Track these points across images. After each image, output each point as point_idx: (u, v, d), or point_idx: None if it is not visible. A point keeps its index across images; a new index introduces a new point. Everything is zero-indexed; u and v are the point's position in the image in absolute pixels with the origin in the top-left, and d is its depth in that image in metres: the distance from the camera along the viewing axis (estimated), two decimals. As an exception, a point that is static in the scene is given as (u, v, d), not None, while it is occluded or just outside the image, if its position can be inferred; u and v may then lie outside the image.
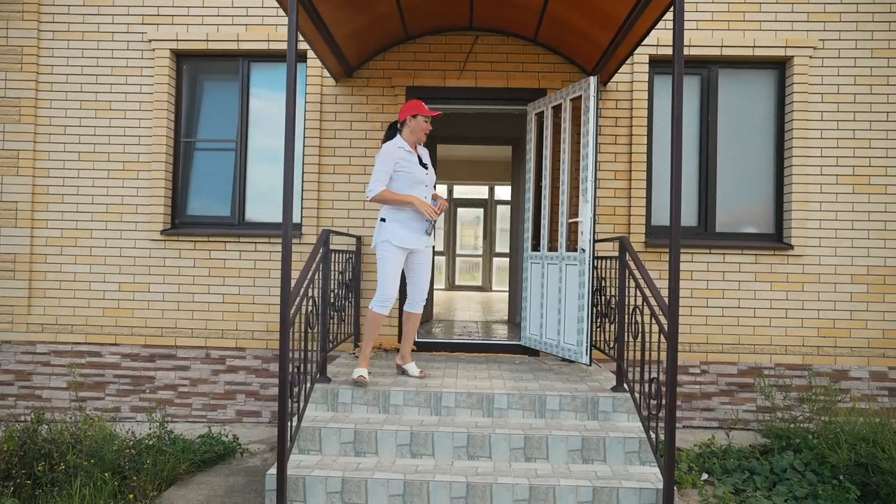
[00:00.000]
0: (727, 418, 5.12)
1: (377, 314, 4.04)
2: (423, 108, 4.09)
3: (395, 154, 3.99)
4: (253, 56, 5.46)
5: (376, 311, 4.03)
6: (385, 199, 3.94)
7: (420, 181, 4.07)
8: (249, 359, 5.29)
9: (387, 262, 4.01)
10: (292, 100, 3.15)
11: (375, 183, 3.94)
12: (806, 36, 5.19)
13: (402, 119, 4.12)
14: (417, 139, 4.17)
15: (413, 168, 4.04)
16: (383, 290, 4.02)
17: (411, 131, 4.12)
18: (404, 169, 4.01)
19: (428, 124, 4.15)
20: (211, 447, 4.24)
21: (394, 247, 4.00)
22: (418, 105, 4.09)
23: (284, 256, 3.10)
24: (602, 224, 5.24)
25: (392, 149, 4.01)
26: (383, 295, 4.02)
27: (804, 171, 5.16)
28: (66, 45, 5.39)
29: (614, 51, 4.58)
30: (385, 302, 4.02)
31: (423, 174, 4.09)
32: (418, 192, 4.06)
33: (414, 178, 4.04)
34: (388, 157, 3.97)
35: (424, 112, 4.09)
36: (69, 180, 5.37)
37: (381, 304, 4.03)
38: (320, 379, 3.93)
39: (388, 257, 4.01)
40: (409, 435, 3.48)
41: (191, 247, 5.33)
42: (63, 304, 5.33)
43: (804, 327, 5.15)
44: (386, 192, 3.95)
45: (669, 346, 3.02)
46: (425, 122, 4.13)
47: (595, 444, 3.46)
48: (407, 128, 4.12)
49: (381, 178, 3.96)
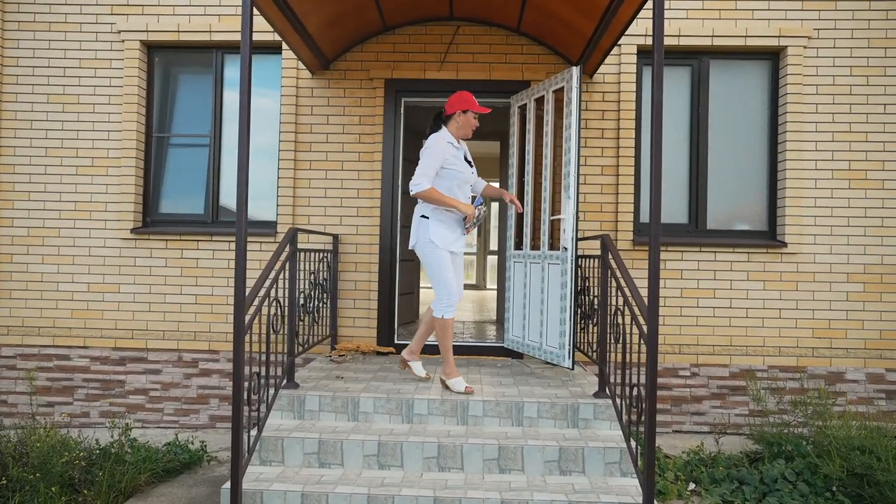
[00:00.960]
0: (718, 423, 4.93)
1: (447, 320, 3.74)
2: (474, 102, 3.80)
3: (445, 150, 3.71)
4: (227, 47, 5.26)
5: (446, 317, 3.74)
6: (431, 197, 3.66)
7: (466, 181, 3.84)
8: (223, 362, 5.10)
9: (439, 264, 3.73)
10: (247, 87, 2.95)
11: (423, 178, 3.63)
12: (800, 25, 4.99)
13: (450, 112, 3.82)
14: (463, 135, 3.90)
15: (461, 166, 3.78)
16: (449, 293, 3.73)
17: (459, 126, 3.85)
18: (453, 166, 3.74)
19: (476, 120, 3.88)
20: (176, 455, 4.05)
21: (441, 248, 3.74)
22: (469, 99, 3.80)
23: (238, 254, 2.90)
24: (588, 221, 5.04)
25: (442, 143, 3.71)
26: (449, 298, 3.73)
27: (798, 166, 4.96)
28: (31, 36, 5.19)
29: (598, 40, 4.38)
30: (452, 304, 3.74)
31: (469, 173, 3.85)
32: (464, 192, 3.84)
33: (462, 177, 3.79)
34: (438, 152, 3.68)
35: (476, 108, 3.79)
36: (36, 177, 5.17)
37: (448, 307, 3.74)
38: (287, 385, 3.74)
39: (440, 258, 3.73)
40: (376, 445, 3.29)
41: (162, 246, 5.13)
42: (30, 306, 5.14)
43: (798, 328, 4.95)
44: (434, 190, 3.66)
45: (648, 352, 2.82)
46: (475, 119, 3.86)
47: (573, 455, 3.27)
48: (455, 122, 3.84)
49: (429, 173, 3.65)
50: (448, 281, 3.71)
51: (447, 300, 3.72)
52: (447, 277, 3.71)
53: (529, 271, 4.63)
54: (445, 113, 3.86)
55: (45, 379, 5.11)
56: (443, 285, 3.72)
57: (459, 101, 3.80)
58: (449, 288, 3.72)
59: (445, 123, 3.87)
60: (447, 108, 3.84)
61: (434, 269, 3.73)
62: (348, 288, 5.09)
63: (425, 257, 3.75)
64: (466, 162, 3.87)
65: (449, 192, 3.74)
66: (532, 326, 4.56)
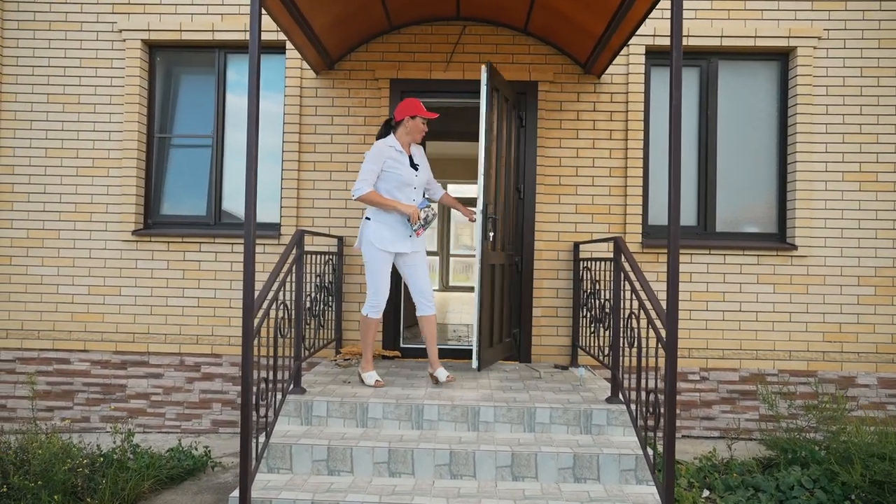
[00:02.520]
0: (728, 428, 4.87)
1: (370, 319, 3.95)
2: (421, 108, 3.93)
3: (385, 153, 3.87)
4: (229, 47, 5.19)
5: (370, 317, 3.94)
6: (371, 200, 3.82)
7: (408, 183, 3.95)
8: (226, 366, 5.02)
9: (374, 264, 3.89)
10: (255, 84, 2.88)
11: (362, 182, 3.80)
12: (810, 25, 4.94)
13: (398, 118, 3.96)
14: (412, 139, 4.03)
15: (402, 169, 3.91)
16: (374, 294, 3.92)
17: (407, 132, 3.99)
18: (393, 170, 3.89)
19: (425, 126, 4.02)
20: (179, 462, 3.97)
21: (377, 249, 3.87)
22: (416, 105, 3.93)
23: (247, 258, 2.83)
24: (596, 224, 4.98)
25: (383, 147, 3.88)
26: (375, 299, 3.93)
27: (808, 168, 4.91)
28: (31, 35, 5.11)
29: (608, 40, 4.32)
30: (377, 306, 3.93)
31: (411, 176, 3.96)
32: (406, 194, 3.95)
33: (402, 179, 3.91)
34: (377, 156, 3.84)
35: (423, 113, 3.94)
36: (35, 178, 5.09)
37: (373, 308, 3.93)
38: (294, 390, 3.67)
39: (375, 258, 3.89)
40: (387, 452, 3.22)
41: (164, 248, 5.05)
42: (29, 309, 5.06)
43: (809, 331, 4.90)
44: (373, 193, 3.82)
45: (668, 358, 2.76)
46: (423, 124, 3.99)
47: (588, 462, 3.20)
48: (403, 127, 3.98)
49: (368, 177, 3.82)
50: (378, 282, 3.89)
51: (374, 300, 3.91)
52: (379, 279, 3.89)
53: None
54: (395, 119, 3.98)
55: (44, 383, 5.02)
56: (374, 286, 3.89)
57: (407, 108, 3.93)
58: (378, 289, 3.89)
59: (394, 130, 4.00)
60: (396, 115, 3.97)
61: (369, 269, 3.90)
62: (353, 291, 5.02)
63: (364, 256, 3.92)
64: (413, 166, 3.99)
65: (388, 194, 3.89)
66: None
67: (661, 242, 4.93)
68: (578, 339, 4.79)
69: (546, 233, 4.99)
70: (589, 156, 5.01)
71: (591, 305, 4.41)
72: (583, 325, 4.69)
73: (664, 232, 5.07)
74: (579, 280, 4.78)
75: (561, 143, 5.01)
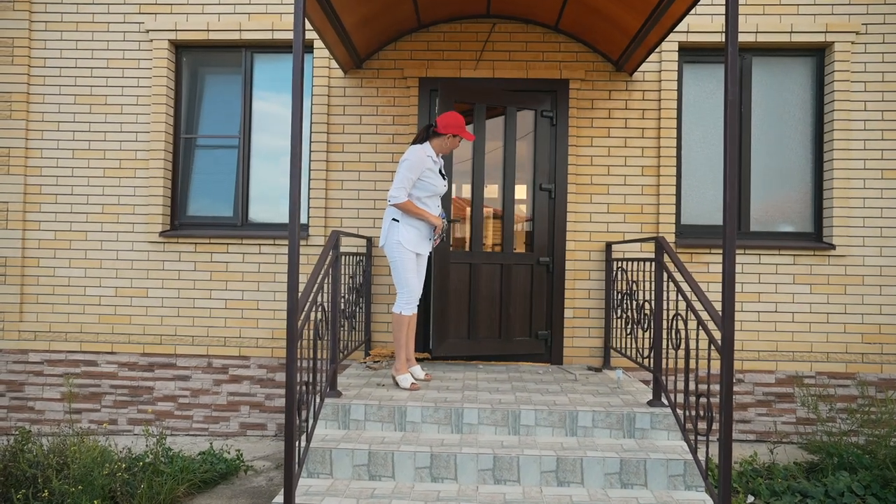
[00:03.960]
0: (765, 431, 4.77)
1: (404, 316, 3.96)
2: (465, 131, 3.97)
3: (424, 163, 3.90)
4: (256, 46, 5.14)
5: (404, 313, 3.96)
6: (406, 209, 3.88)
7: (438, 193, 4.05)
8: (254, 368, 4.98)
9: (404, 263, 3.93)
10: (299, 82, 2.83)
11: (400, 190, 3.85)
12: (847, 20, 4.84)
13: (441, 132, 3.96)
14: (444, 152, 4.10)
15: (435, 179, 3.98)
16: (409, 291, 3.96)
17: (444, 145, 4.03)
18: (428, 179, 3.94)
19: (459, 144, 4.14)
20: (212, 465, 3.93)
21: (407, 250, 3.92)
22: (462, 125, 3.96)
23: (291, 261, 2.78)
24: (628, 223, 4.90)
25: (422, 156, 3.90)
26: (410, 296, 3.96)
27: (846, 166, 4.81)
28: (59, 37, 5.08)
29: (644, 37, 4.25)
30: (411, 302, 3.97)
31: (442, 186, 4.05)
32: (434, 203, 4.06)
33: (435, 189, 3.99)
34: (417, 165, 3.87)
35: (465, 135, 3.98)
36: (63, 179, 5.06)
37: (407, 304, 3.97)
38: (330, 393, 3.61)
39: (405, 258, 3.93)
40: (428, 457, 3.16)
41: (191, 249, 5.02)
42: (57, 311, 5.03)
43: (847, 332, 4.80)
44: (410, 203, 3.88)
45: (724, 361, 2.68)
46: (459, 143, 4.09)
47: (635, 467, 3.12)
48: (442, 140, 4.00)
49: (406, 185, 3.86)
50: (410, 280, 3.94)
51: (407, 298, 3.95)
52: (410, 277, 3.93)
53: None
54: (436, 129, 3.97)
55: (73, 386, 4.99)
56: (405, 284, 3.93)
57: (453, 126, 3.94)
58: (410, 287, 3.94)
59: (432, 138, 4.01)
60: (441, 127, 3.95)
61: (398, 269, 3.93)
62: (382, 292, 4.96)
63: (391, 256, 3.95)
64: (441, 175, 4.05)
65: (418, 202, 3.96)
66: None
67: (695, 242, 4.85)
68: (611, 341, 4.71)
69: (578, 233, 4.91)
70: (621, 154, 4.93)
71: (626, 306, 4.33)
72: (616, 327, 4.62)
73: (698, 232, 4.98)
74: (612, 280, 4.70)
75: (592, 142, 4.93)
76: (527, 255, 4.94)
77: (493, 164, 4.98)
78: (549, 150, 4.94)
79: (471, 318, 4.85)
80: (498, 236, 4.99)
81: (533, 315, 4.90)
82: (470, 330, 4.86)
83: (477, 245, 4.86)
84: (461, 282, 4.84)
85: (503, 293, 4.90)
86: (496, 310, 4.88)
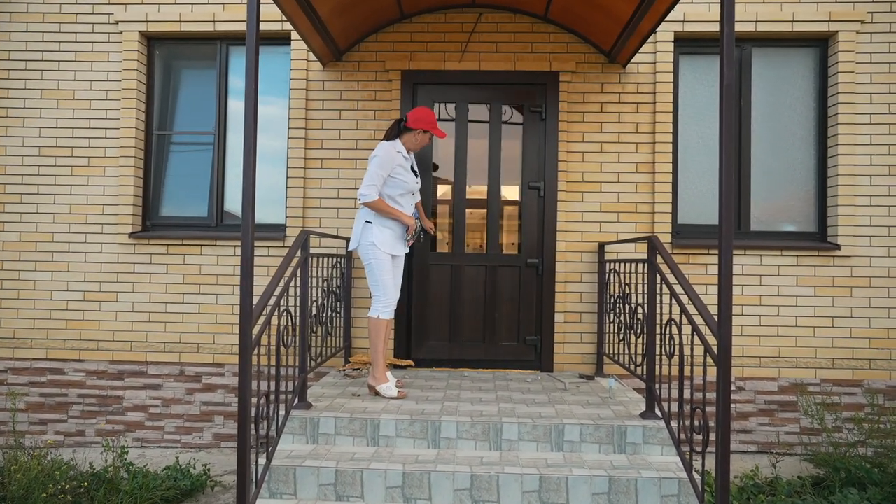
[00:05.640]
0: (767, 441, 4.52)
1: (382, 320, 3.77)
2: (436, 127, 3.88)
3: (395, 159, 3.77)
4: (232, 38, 4.91)
5: (382, 317, 3.76)
6: (377, 208, 3.72)
7: (411, 190, 3.90)
8: (228, 376, 4.73)
9: (380, 265, 3.76)
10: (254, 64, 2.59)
11: (371, 188, 3.68)
12: (852, 8, 4.59)
13: (413, 126, 3.85)
14: (414, 148, 3.99)
15: (407, 176, 3.85)
16: (384, 294, 3.77)
17: (414, 141, 3.92)
18: (399, 176, 3.80)
19: (430, 141, 4.04)
20: (176, 482, 3.69)
21: (382, 251, 3.73)
22: (433, 121, 3.87)
23: (245, 261, 2.53)
24: (622, 223, 4.65)
25: (392, 152, 3.77)
26: (385, 299, 3.78)
27: (851, 161, 4.56)
28: (24, 28, 4.85)
29: (636, 25, 4.00)
30: (389, 305, 3.79)
31: (414, 183, 3.91)
32: (407, 201, 3.90)
33: (407, 186, 3.84)
34: (387, 161, 3.72)
35: (436, 132, 3.88)
36: (28, 178, 4.82)
37: (385, 307, 3.78)
38: (298, 405, 3.36)
39: (381, 259, 3.76)
40: (401, 475, 2.90)
41: (163, 251, 4.77)
42: (21, 316, 4.78)
43: (853, 337, 4.54)
44: (381, 201, 3.72)
45: (720, 370, 2.43)
46: (430, 140, 3.97)
47: (625, 486, 2.87)
48: (413, 135, 3.89)
49: (377, 182, 3.71)
50: (387, 283, 3.76)
51: (384, 300, 3.76)
52: (386, 280, 3.76)
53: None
54: (407, 124, 3.85)
55: (37, 395, 4.75)
56: (381, 287, 3.76)
57: (424, 121, 3.83)
58: (387, 290, 3.77)
59: (402, 134, 3.89)
60: (411, 123, 3.84)
61: (374, 272, 3.76)
62: (363, 296, 4.71)
63: (366, 259, 3.78)
64: (413, 172, 3.92)
65: (392, 201, 3.81)
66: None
67: (692, 242, 4.60)
68: (604, 347, 4.46)
69: (569, 233, 4.66)
70: (614, 150, 4.69)
71: (619, 311, 4.08)
72: (609, 332, 4.37)
73: (695, 231, 4.74)
74: (605, 283, 4.45)
75: (584, 137, 4.69)
76: (514, 257, 4.69)
77: (477, 160, 4.75)
78: (538, 145, 4.70)
79: (453, 320, 4.62)
80: (482, 236, 4.74)
81: (521, 319, 4.65)
82: (452, 333, 4.62)
83: (459, 246, 4.61)
84: (442, 284, 4.61)
85: (488, 296, 4.65)
86: (480, 313, 4.64)
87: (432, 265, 4.67)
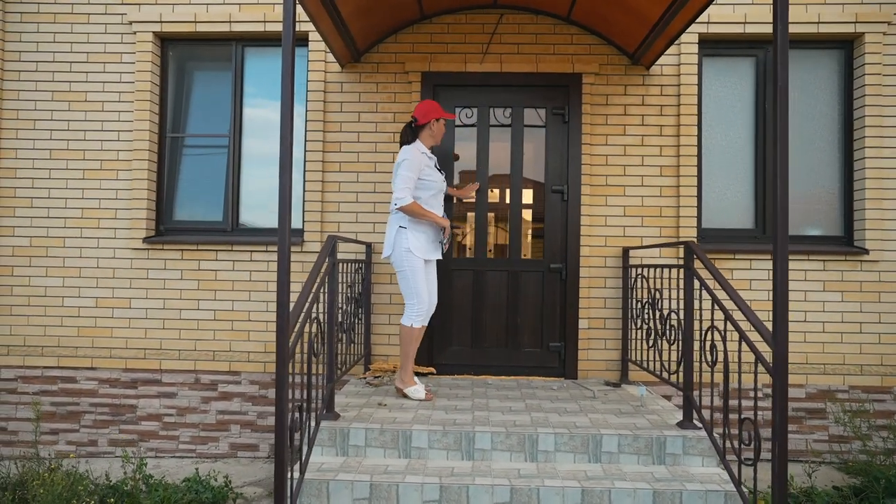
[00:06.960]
0: (795, 449, 4.44)
1: (415, 329, 3.74)
2: (441, 109, 3.87)
3: (421, 160, 3.75)
4: (247, 39, 4.82)
5: (415, 326, 3.74)
6: (412, 211, 3.67)
7: (441, 189, 3.90)
8: (245, 384, 4.62)
9: (414, 272, 3.72)
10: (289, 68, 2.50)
11: (404, 191, 3.64)
12: (879, 9, 4.54)
13: (423, 122, 3.83)
14: (435, 143, 3.96)
15: (435, 175, 3.85)
16: (418, 302, 3.74)
17: (432, 135, 3.89)
18: (428, 177, 3.79)
19: (445, 127, 4.00)
20: (197, 494, 3.58)
21: (417, 257, 3.67)
22: (437, 107, 3.85)
23: (281, 272, 2.44)
24: (646, 227, 4.57)
25: (418, 154, 3.74)
26: (419, 307, 3.74)
27: (878, 165, 4.49)
28: (35, 29, 4.74)
29: (665, 26, 3.93)
30: (422, 314, 3.76)
31: (441, 181, 3.90)
32: (438, 202, 3.90)
33: (437, 186, 3.84)
34: (415, 163, 3.70)
35: (445, 115, 3.88)
36: (39, 181, 4.71)
37: (418, 316, 3.75)
38: (327, 415, 3.26)
39: (416, 267, 3.72)
40: (437, 489, 2.81)
41: (177, 256, 4.67)
42: (32, 323, 4.67)
43: (882, 343, 4.47)
44: (416, 204, 3.68)
45: (776, 383, 2.35)
46: (444, 127, 3.97)
47: (670, 499, 2.78)
48: (428, 130, 3.87)
49: (410, 185, 3.67)
50: (421, 290, 3.72)
51: (418, 309, 3.73)
52: (420, 287, 3.72)
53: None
54: (418, 122, 3.83)
55: (48, 404, 4.63)
56: (415, 294, 3.72)
57: (430, 111, 3.81)
58: (421, 297, 3.73)
59: (419, 133, 3.85)
60: (420, 118, 3.82)
61: (408, 279, 3.72)
62: (383, 302, 4.62)
63: (400, 266, 3.74)
64: (438, 170, 3.91)
65: (425, 203, 3.78)
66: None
67: (718, 247, 4.52)
68: (629, 353, 4.38)
69: (592, 237, 4.58)
70: (638, 153, 4.61)
71: (647, 317, 3.99)
72: (634, 338, 4.29)
73: (720, 236, 4.66)
74: (630, 288, 4.37)
75: (607, 140, 4.61)
76: (537, 261, 4.61)
77: (499, 164, 4.67)
78: (560, 148, 4.62)
79: (475, 326, 4.53)
80: (505, 241, 4.65)
81: (544, 325, 4.57)
82: (474, 338, 4.54)
83: (481, 250, 4.53)
84: (464, 289, 4.53)
85: (510, 301, 4.57)
86: (503, 319, 4.56)
87: (454, 270, 4.58)
